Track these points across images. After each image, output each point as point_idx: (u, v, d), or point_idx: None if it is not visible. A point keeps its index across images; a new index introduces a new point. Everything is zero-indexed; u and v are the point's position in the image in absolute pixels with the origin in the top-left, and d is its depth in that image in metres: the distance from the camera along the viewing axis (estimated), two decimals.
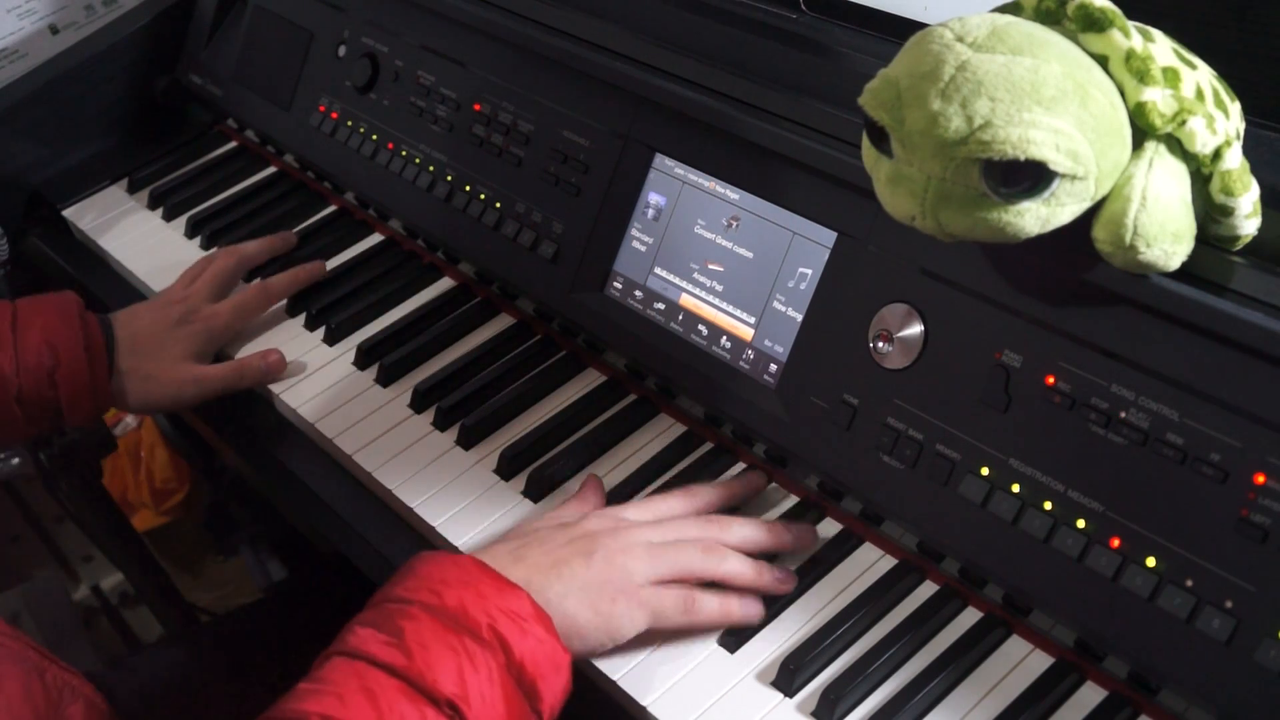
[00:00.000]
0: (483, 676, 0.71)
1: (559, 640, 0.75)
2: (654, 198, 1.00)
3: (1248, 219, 0.72)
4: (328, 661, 0.72)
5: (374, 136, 1.22)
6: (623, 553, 0.81)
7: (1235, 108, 0.73)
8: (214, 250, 1.22)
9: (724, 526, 0.86)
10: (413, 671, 0.69)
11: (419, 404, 1.04)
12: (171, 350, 1.08)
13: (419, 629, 0.71)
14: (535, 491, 0.95)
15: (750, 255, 0.94)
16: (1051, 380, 0.77)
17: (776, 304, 0.92)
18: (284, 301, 1.17)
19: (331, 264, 1.21)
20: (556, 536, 0.82)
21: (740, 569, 0.84)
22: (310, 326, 1.15)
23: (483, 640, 0.72)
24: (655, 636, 0.83)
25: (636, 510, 0.87)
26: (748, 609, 0.83)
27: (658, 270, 0.99)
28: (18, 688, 0.78)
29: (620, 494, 0.94)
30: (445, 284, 1.18)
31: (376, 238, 1.24)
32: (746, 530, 0.86)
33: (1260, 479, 0.69)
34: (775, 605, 0.84)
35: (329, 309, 1.15)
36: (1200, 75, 0.71)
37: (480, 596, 0.73)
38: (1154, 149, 0.70)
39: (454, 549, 0.91)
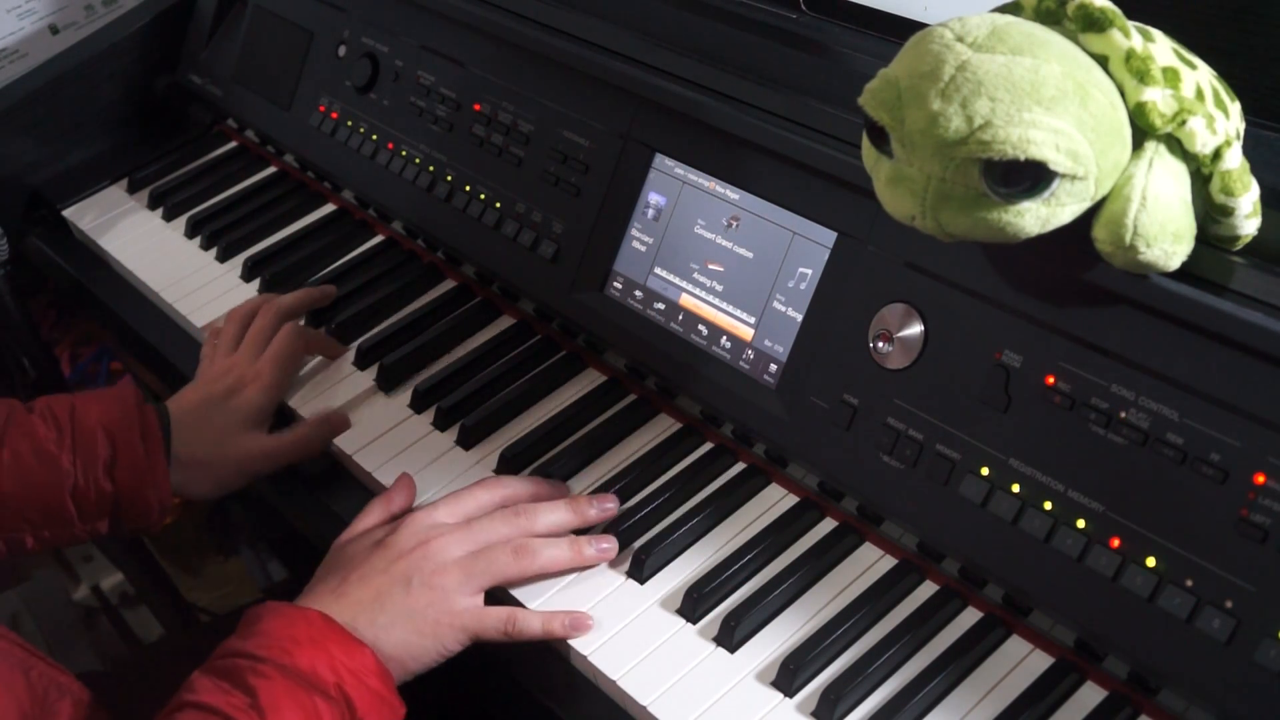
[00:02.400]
0: None
1: (395, 694, 0.80)
2: (654, 198, 1.00)
3: (1248, 219, 0.72)
4: (181, 711, 0.75)
5: (374, 136, 1.22)
6: (437, 573, 0.83)
7: (1235, 108, 0.73)
8: (249, 304, 1.14)
9: (531, 517, 0.88)
10: None
11: (419, 404, 1.04)
12: (229, 428, 1.01)
13: (272, 688, 0.74)
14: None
15: (750, 255, 0.94)
16: (1051, 380, 0.77)
17: (776, 304, 0.92)
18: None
19: (332, 265, 1.22)
20: (374, 563, 0.84)
21: (556, 557, 0.87)
22: (310, 326, 1.15)
23: (330, 698, 0.76)
24: (655, 636, 0.83)
25: (445, 511, 0.88)
26: (570, 628, 0.84)
27: (658, 270, 0.99)
28: (1, 685, 0.77)
29: (619, 494, 0.93)
30: (445, 284, 1.17)
31: (377, 238, 1.24)
32: (553, 516, 0.89)
33: (1260, 479, 0.69)
34: (776, 605, 0.84)
35: (329, 309, 1.15)
36: (1200, 75, 0.71)
37: (329, 655, 0.77)
38: (1154, 149, 0.70)
39: None
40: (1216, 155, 0.70)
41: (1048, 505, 0.76)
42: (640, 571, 0.87)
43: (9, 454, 0.94)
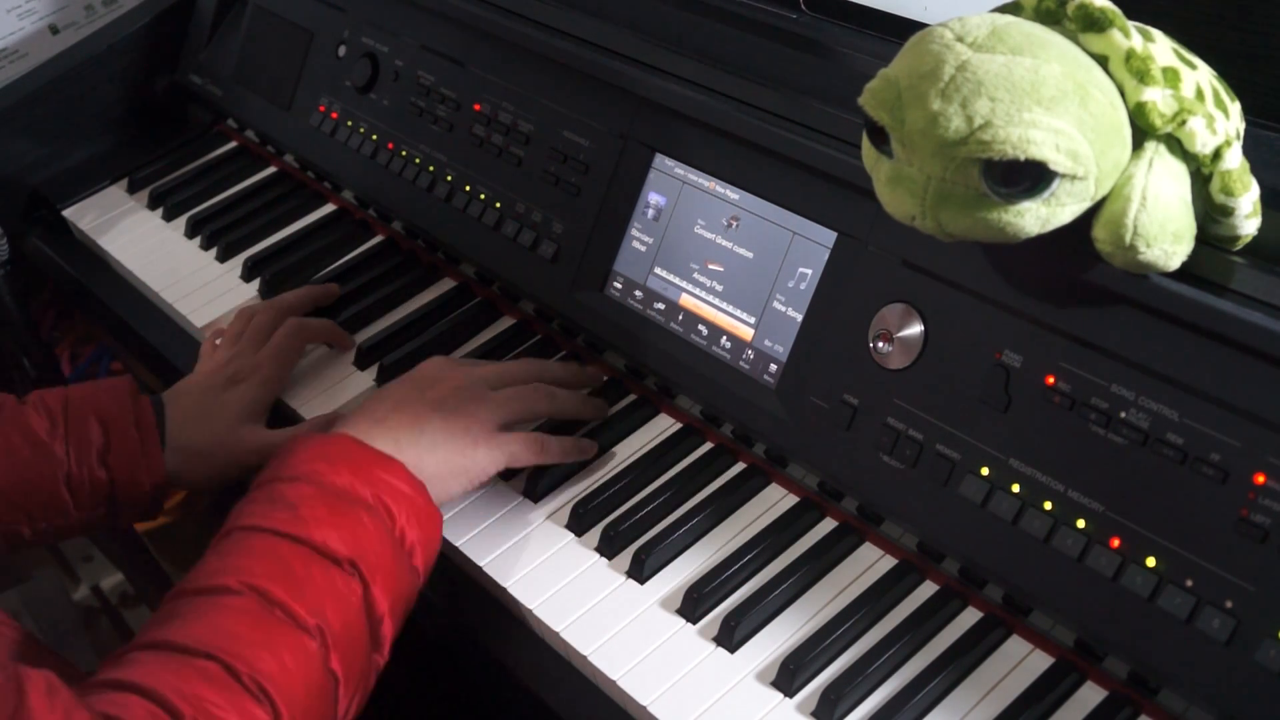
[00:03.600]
0: (373, 538, 0.78)
1: (431, 502, 0.84)
2: (654, 198, 1.00)
3: (1248, 219, 0.72)
4: (228, 538, 0.77)
5: (374, 136, 1.22)
6: (473, 399, 0.91)
7: (1235, 108, 0.73)
8: (253, 307, 1.14)
9: (545, 365, 1.00)
10: (315, 538, 0.76)
11: None
12: (225, 418, 1.01)
13: (311, 502, 0.78)
14: (535, 491, 0.95)
15: (750, 255, 0.94)
16: (1051, 380, 0.77)
17: (776, 304, 0.92)
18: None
19: (332, 264, 1.22)
20: (407, 393, 0.91)
21: (569, 400, 0.97)
22: None
23: (370, 507, 0.79)
24: (655, 636, 0.83)
25: (462, 357, 0.98)
26: (584, 446, 0.95)
27: (658, 270, 0.99)
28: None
29: (619, 494, 0.94)
30: (445, 284, 1.17)
31: (377, 238, 1.24)
32: (561, 370, 1.00)
33: (1260, 479, 0.69)
34: (776, 605, 0.84)
35: (329, 309, 1.15)
36: (1200, 75, 0.71)
37: (362, 468, 0.81)
38: (1154, 149, 0.70)
39: (454, 549, 0.91)
40: (1216, 155, 0.70)
41: (1048, 505, 0.76)
42: (640, 571, 0.87)
43: (1, 444, 0.95)
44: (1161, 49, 0.71)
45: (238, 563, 0.75)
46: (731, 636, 0.82)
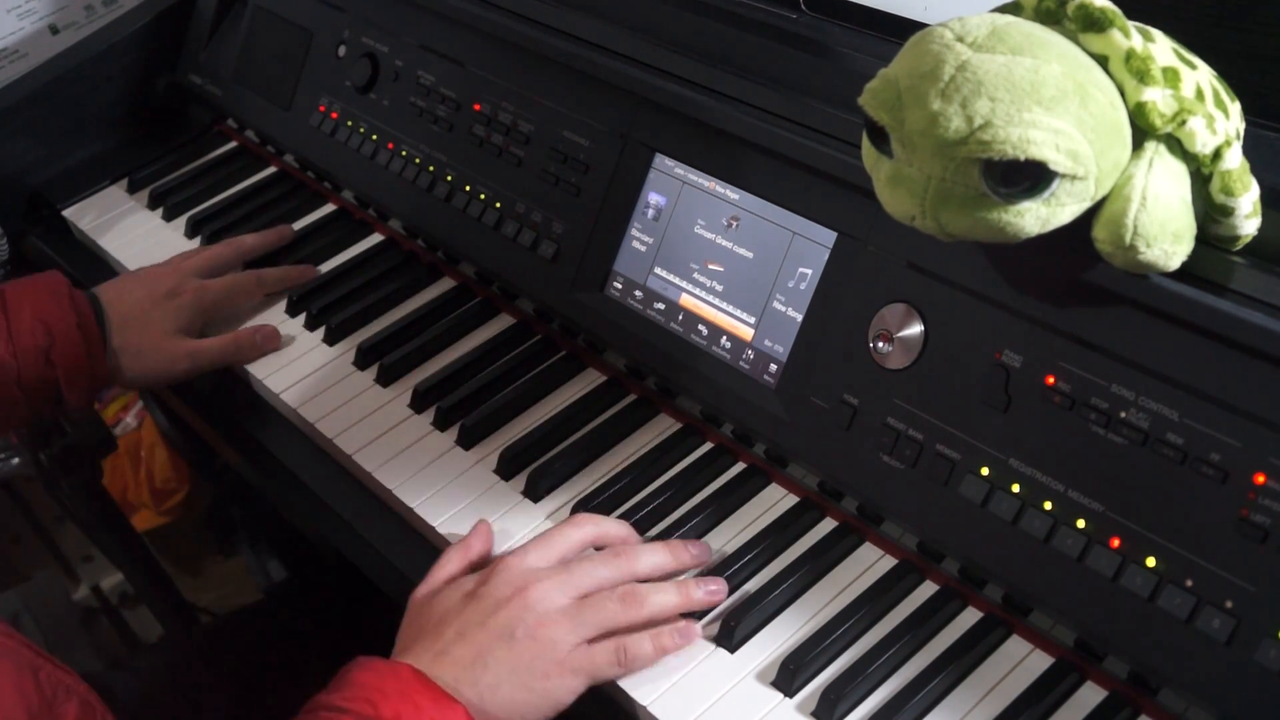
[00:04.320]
0: None
1: None
2: (654, 198, 1.00)
3: (1248, 219, 0.72)
4: None
5: (374, 136, 1.22)
6: (542, 625, 0.79)
7: (1235, 108, 0.73)
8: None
9: (631, 559, 0.84)
10: None
11: (419, 404, 1.04)
12: (161, 323, 1.08)
13: None
14: (535, 491, 0.95)
15: (750, 255, 0.94)
16: (1051, 380, 0.77)
17: (776, 304, 0.92)
18: (284, 301, 1.17)
19: (331, 264, 1.22)
20: (470, 617, 0.80)
21: (664, 603, 0.82)
22: (310, 326, 1.15)
23: None
24: None
25: (537, 554, 0.84)
26: (681, 637, 0.81)
27: (658, 270, 0.99)
28: (10, 685, 0.77)
29: (619, 494, 0.94)
30: (445, 284, 1.18)
31: (376, 238, 1.24)
32: (655, 558, 0.85)
33: (1260, 479, 0.69)
34: (776, 605, 0.84)
35: (329, 309, 1.15)
36: (1200, 75, 0.71)
37: (416, 709, 0.73)
38: (1154, 149, 0.70)
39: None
40: (1216, 155, 0.70)
41: (1048, 505, 0.77)
42: None
43: None
44: (1161, 49, 0.71)
45: None
46: (731, 636, 0.82)
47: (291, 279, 1.18)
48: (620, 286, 1.02)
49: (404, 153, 1.19)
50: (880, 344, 0.85)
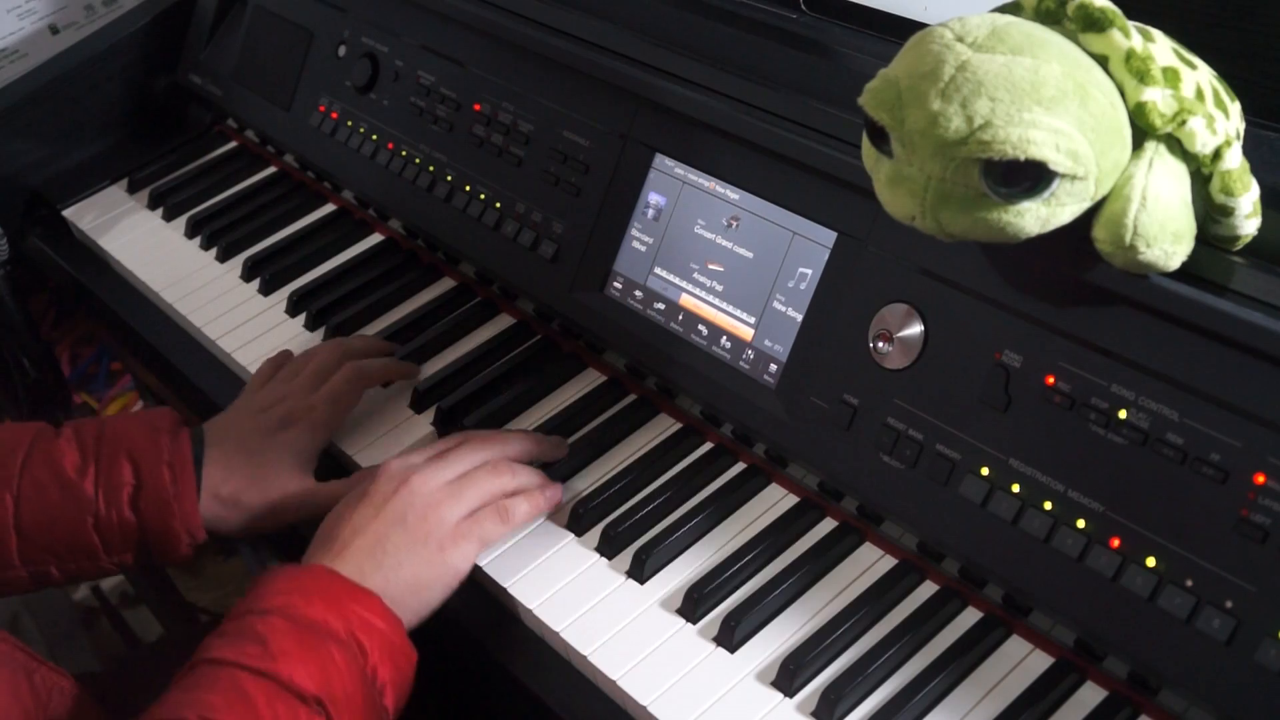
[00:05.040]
0: (345, 676, 0.75)
1: (407, 640, 0.80)
2: (654, 198, 1.00)
3: (1248, 219, 0.72)
4: (193, 670, 0.75)
5: (374, 136, 1.22)
6: (429, 505, 0.86)
7: (1235, 108, 0.73)
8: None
9: (501, 441, 0.94)
10: (282, 674, 0.73)
11: (419, 404, 1.04)
12: (273, 465, 0.94)
13: (282, 636, 0.75)
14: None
15: (750, 255, 0.94)
16: (1051, 380, 0.77)
17: (776, 304, 0.92)
18: (284, 301, 1.17)
19: (331, 264, 1.22)
20: (363, 512, 0.86)
21: (529, 477, 0.92)
22: (310, 326, 1.15)
23: (342, 643, 0.76)
24: (655, 636, 0.83)
25: (419, 454, 0.91)
26: (551, 496, 0.92)
27: (658, 270, 0.99)
28: (6, 689, 0.77)
29: (619, 494, 0.94)
30: (445, 284, 1.18)
31: (376, 238, 1.24)
32: (518, 442, 0.94)
33: (1260, 479, 0.69)
34: (776, 605, 0.84)
35: (329, 309, 1.15)
36: (1200, 75, 0.71)
37: (338, 604, 0.78)
38: (1154, 149, 0.70)
39: None
40: (1216, 155, 0.70)
41: (1048, 505, 0.76)
42: (640, 571, 0.87)
43: (30, 482, 0.89)
44: (1161, 49, 0.70)
45: (199, 697, 0.72)
46: (731, 636, 0.82)
47: (393, 375, 1.06)
48: (620, 286, 1.02)
49: (404, 153, 1.19)
50: (880, 344, 0.85)
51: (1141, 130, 0.70)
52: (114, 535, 0.90)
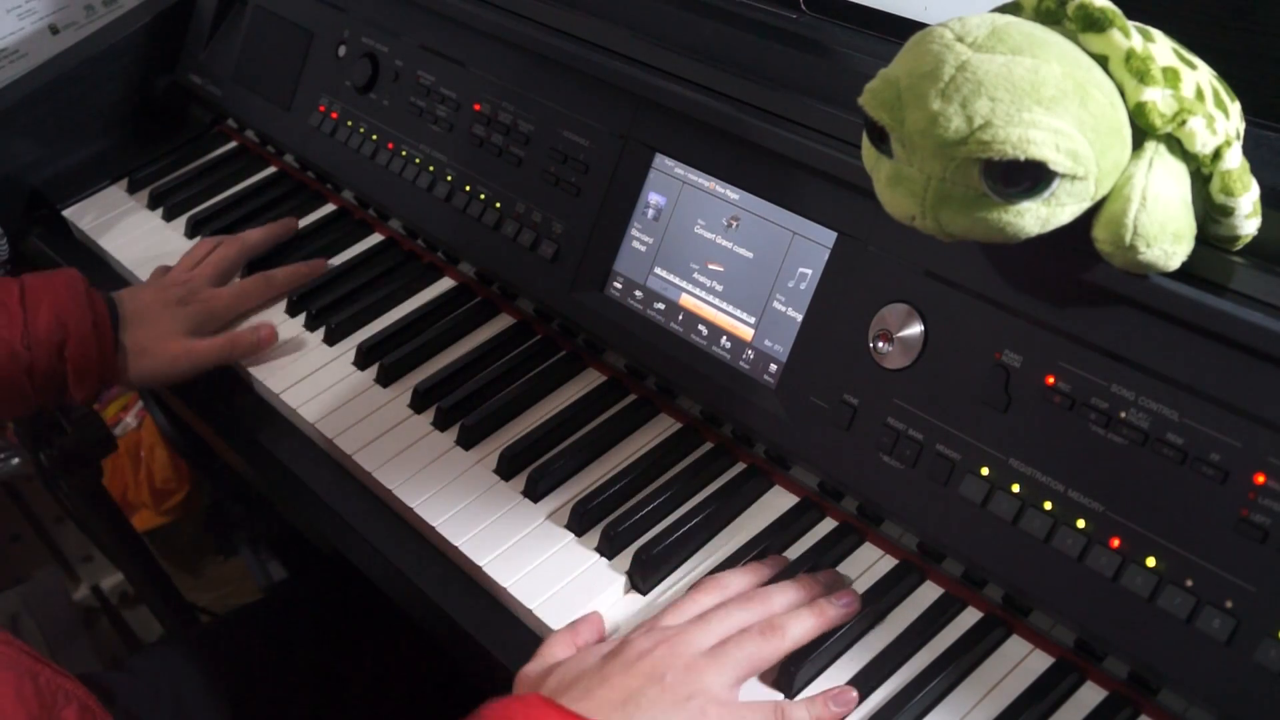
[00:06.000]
0: None
1: None
2: (654, 198, 1.00)
3: (1248, 219, 0.72)
4: None
5: (374, 136, 1.22)
6: (692, 667, 0.75)
7: (1235, 108, 0.73)
8: (217, 238, 1.23)
9: (765, 600, 0.81)
10: None
11: (419, 404, 1.04)
12: (169, 326, 1.11)
13: None
14: (534, 491, 0.95)
15: (750, 255, 0.94)
16: (1051, 380, 0.77)
17: (776, 304, 0.92)
18: (284, 301, 1.17)
19: (331, 264, 1.22)
20: (611, 667, 0.76)
21: (804, 628, 0.80)
22: (310, 326, 1.15)
23: None
24: None
25: (672, 615, 0.81)
26: (839, 704, 0.78)
27: (658, 270, 0.99)
28: (10, 692, 0.77)
29: (619, 494, 0.94)
30: (445, 284, 1.18)
31: (376, 238, 1.24)
32: (788, 595, 0.82)
33: (1260, 479, 0.69)
34: None
35: (329, 309, 1.15)
36: (1200, 75, 0.71)
37: None
38: (1154, 149, 0.70)
39: (453, 548, 0.91)
40: (1216, 155, 0.70)
41: (1048, 505, 0.77)
42: (640, 572, 0.87)
43: None
44: (1161, 49, 0.70)
45: None
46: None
47: (302, 275, 1.19)
48: (620, 286, 1.02)
49: (404, 153, 1.19)
50: (880, 344, 0.85)
51: (1141, 130, 0.70)
52: (41, 379, 1.06)
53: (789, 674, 0.79)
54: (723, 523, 0.91)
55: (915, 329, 0.83)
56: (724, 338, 0.95)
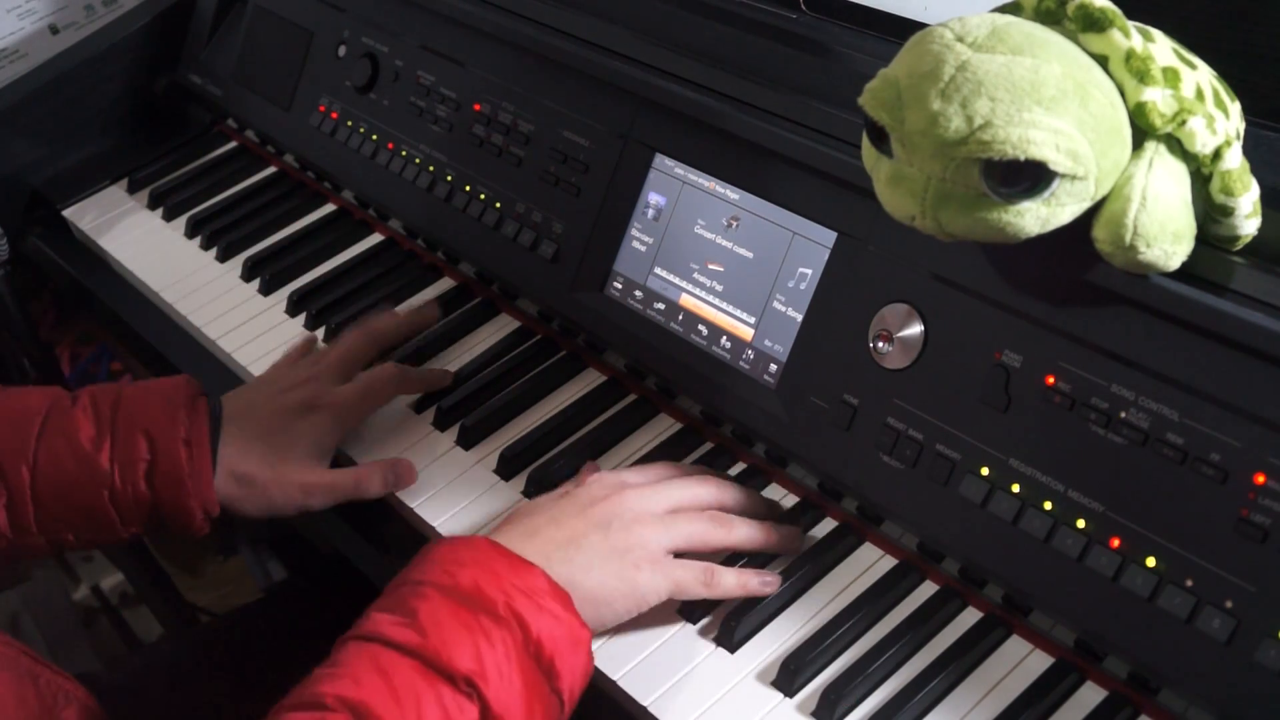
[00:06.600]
0: (499, 653, 0.70)
1: (577, 617, 0.75)
2: (654, 198, 1.00)
3: (1248, 219, 0.72)
4: (343, 646, 0.72)
5: (374, 136, 1.22)
6: (637, 522, 0.81)
7: (1235, 108, 0.73)
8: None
9: (722, 489, 0.87)
10: (428, 650, 0.69)
11: (419, 404, 1.04)
12: (290, 451, 0.93)
13: (433, 608, 0.71)
14: (535, 491, 0.95)
15: (750, 255, 0.94)
16: (1051, 380, 0.77)
17: (776, 304, 0.92)
18: (284, 301, 1.17)
19: (331, 264, 1.22)
20: (564, 508, 0.82)
21: (750, 535, 0.85)
22: (310, 326, 1.15)
23: (499, 617, 0.71)
24: (656, 636, 0.83)
25: (638, 473, 0.87)
26: (765, 582, 0.83)
27: (658, 270, 0.99)
28: (10, 694, 0.77)
29: None
30: (445, 284, 1.18)
31: (376, 238, 1.24)
32: (742, 497, 0.87)
33: (1260, 479, 0.69)
34: (776, 605, 0.84)
35: (329, 309, 1.15)
36: (1200, 75, 0.71)
37: (495, 574, 0.73)
38: (1154, 149, 0.70)
39: None
40: (1216, 155, 0.70)
41: (1048, 505, 0.77)
42: None
43: (46, 453, 0.89)
44: (1161, 49, 0.71)
45: (339, 673, 0.69)
46: (731, 636, 0.82)
47: (436, 383, 1.04)
48: (620, 286, 1.02)
49: (404, 153, 1.19)
50: (880, 344, 0.85)
51: (1141, 130, 0.70)
52: (130, 508, 0.90)
53: (788, 672, 0.79)
54: None
55: (915, 329, 0.83)
56: (724, 338, 0.95)
